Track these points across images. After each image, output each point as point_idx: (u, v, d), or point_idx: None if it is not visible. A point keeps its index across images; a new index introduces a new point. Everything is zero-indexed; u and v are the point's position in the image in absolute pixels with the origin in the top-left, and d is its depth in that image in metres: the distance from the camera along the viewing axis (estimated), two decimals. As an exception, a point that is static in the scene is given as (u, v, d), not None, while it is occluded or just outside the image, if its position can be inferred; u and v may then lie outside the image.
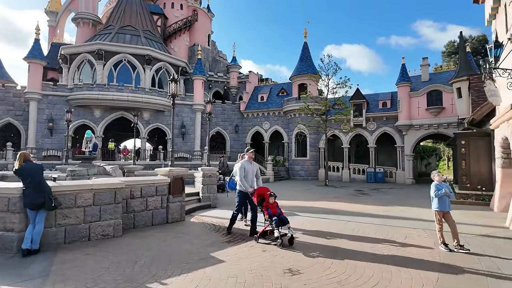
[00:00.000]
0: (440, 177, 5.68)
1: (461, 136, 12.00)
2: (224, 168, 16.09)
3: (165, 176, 8.10)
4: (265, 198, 6.30)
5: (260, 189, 6.47)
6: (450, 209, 5.60)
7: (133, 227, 7.10)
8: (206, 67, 32.37)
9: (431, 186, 5.72)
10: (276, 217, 5.90)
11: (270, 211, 6.10)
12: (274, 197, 6.30)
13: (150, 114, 25.43)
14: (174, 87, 8.44)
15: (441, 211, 5.58)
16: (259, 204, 6.25)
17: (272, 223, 5.87)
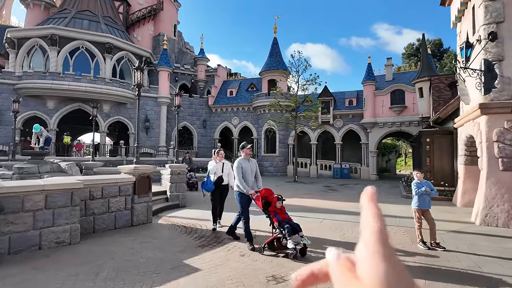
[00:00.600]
0: (421, 175, 5.65)
1: (426, 134, 12.45)
2: (190, 165, 15.32)
3: (129, 174, 7.38)
4: (271, 202, 5.42)
5: (265, 192, 5.50)
6: (430, 207, 5.59)
7: (93, 232, 6.35)
8: (172, 58, 31.01)
9: (412, 184, 5.67)
10: (288, 225, 5.06)
11: (279, 217, 5.22)
12: (281, 201, 5.43)
13: (110, 106, 23.80)
14: (139, 76, 7.70)
15: (420, 209, 5.55)
16: (265, 209, 5.33)
17: (284, 231, 4.98)
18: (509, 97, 7.45)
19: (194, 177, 14.50)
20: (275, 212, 5.31)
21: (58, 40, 22.77)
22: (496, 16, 7.61)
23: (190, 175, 14.20)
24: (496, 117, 7.49)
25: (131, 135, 24.67)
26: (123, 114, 24.54)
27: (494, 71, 7.54)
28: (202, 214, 8.65)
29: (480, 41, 7.79)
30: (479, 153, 7.95)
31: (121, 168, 7.70)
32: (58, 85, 20.95)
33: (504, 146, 7.35)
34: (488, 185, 7.47)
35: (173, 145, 24.34)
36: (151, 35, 31.15)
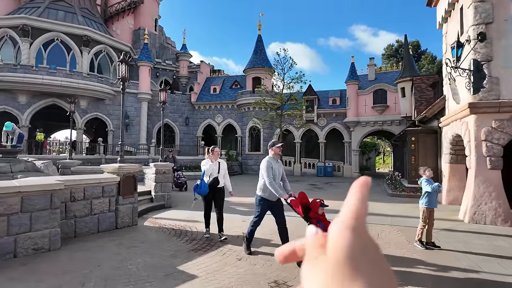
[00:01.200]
0: (430, 172, 5.57)
1: (411, 133, 12.63)
2: (175, 164, 14.74)
3: (113, 174, 6.92)
4: (310, 208, 4.75)
5: (303, 196, 4.80)
6: (436, 206, 5.54)
7: (74, 236, 5.89)
8: (153, 53, 30.07)
9: (422, 182, 5.52)
10: None
11: (323, 225, 4.64)
12: (324, 206, 4.78)
13: (88, 102, 22.73)
14: (124, 70, 7.22)
15: (429, 207, 5.46)
16: (305, 215, 4.65)
17: None
18: (497, 97, 7.59)
19: (183, 176, 13.90)
20: (317, 219, 4.62)
21: (30, 31, 21.48)
22: (485, 17, 7.72)
23: (178, 175, 13.60)
24: (485, 117, 7.62)
25: (109, 132, 23.72)
26: (102, 111, 23.52)
27: (483, 71, 7.66)
28: (190, 215, 8.31)
29: (469, 41, 7.89)
30: (467, 152, 8.07)
31: (104, 167, 7.22)
32: (31, 78, 19.74)
33: (492, 145, 7.49)
34: (476, 183, 7.59)
35: (154, 142, 23.62)
36: (131, 29, 30.04)
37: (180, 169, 14.30)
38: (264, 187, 4.96)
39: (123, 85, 7.27)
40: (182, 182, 13.52)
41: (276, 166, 5.01)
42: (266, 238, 6.00)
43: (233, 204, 10.14)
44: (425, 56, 40.23)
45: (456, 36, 9.61)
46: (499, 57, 7.63)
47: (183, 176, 13.98)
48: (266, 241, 5.79)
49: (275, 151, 5.08)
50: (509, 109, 7.42)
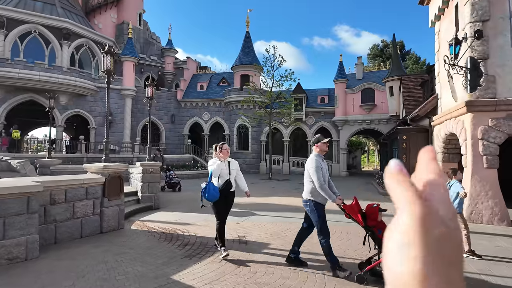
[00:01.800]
0: (461, 175, 5.25)
1: (402, 132, 12.60)
2: (163, 163, 13.93)
3: (98, 174, 6.43)
4: (366, 214, 4.08)
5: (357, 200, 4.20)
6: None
7: (54, 243, 5.37)
8: (137, 49, 29.13)
9: (455, 185, 4.97)
10: None
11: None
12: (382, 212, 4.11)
13: (68, 98, 21.70)
14: (109, 62, 6.71)
15: (460, 213, 5.08)
16: (365, 224, 4.00)
17: None
18: (493, 96, 7.54)
19: (176, 176, 13.22)
20: (378, 228, 3.95)
21: (5, 22, 20.26)
22: (482, 14, 7.65)
23: (170, 175, 12.97)
24: (481, 115, 7.56)
25: (91, 129, 22.76)
26: (83, 107, 22.53)
27: (479, 69, 7.59)
28: (180, 217, 7.88)
29: (466, 39, 7.81)
30: (463, 150, 8.00)
31: (88, 166, 6.70)
32: (6, 72, 18.61)
33: (489, 144, 7.43)
34: (473, 182, 7.52)
35: (139, 141, 22.85)
36: (114, 23, 29.02)
37: (172, 169, 13.59)
38: (314, 191, 4.26)
39: (108, 79, 6.77)
40: (175, 182, 12.86)
41: (324, 165, 4.41)
42: (264, 242, 5.67)
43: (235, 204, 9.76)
44: (410, 56, 40.92)
45: (449, 34, 9.57)
46: (495, 55, 7.58)
47: (176, 175, 13.31)
48: (264, 245, 5.47)
49: (321, 147, 4.42)
50: (505, 108, 7.38)
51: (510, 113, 7.39)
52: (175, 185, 12.80)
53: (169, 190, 12.81)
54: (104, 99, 23.15)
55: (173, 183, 12.79)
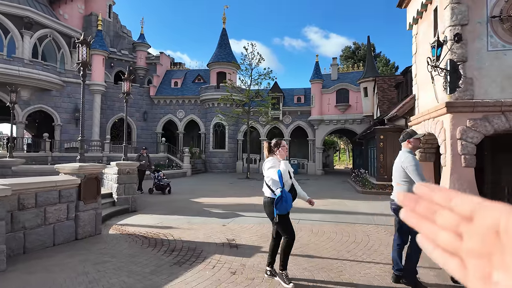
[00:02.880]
0: None
1: (379, 131, 12.90)
2: (149, 163, 12.67)
3: (72, 175, 5.87)
4: None
5: None
6: None
7: (23, 252, 4.81)
8: (107, 42, 27.68)
9: None
10: None
11: None
12: None
13: (30, 92, 20.13)
14: (85, 53, 6.15)
15: None
16: None
17: None
18: (471, 97, 7.82)
19: (165, 177, 12.24)
20: None
21: (-44, 8, 18.38)
22: (461, 18, 7.91)
23: (159, 176, 11.99)
24: (460, 116, 7.82)
25: (56, 127, 21.31)
26: (47, 103, 21.00)
27: (459, 72, 7.85)
28: (160, 220, 7.46)
29: (446, 42, 8.05)
30: (442, 150, 8.25)
31: (61, 167, 6.10)
32: (-42, 63, 16.87)
33: (467, 144, 7.71)
34: (452, 181, 7.77)
35: (108, 139, 21.72)
36: (81, 14, 27.37)
37: (160, 169, 12.53)
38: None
39: (84, 71, 6.20)
40: (164, 184, 11.85)
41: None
42: (255, 245, 5.46)
43: (206, 206, 9.44)
44: (380, 59, 42.41)
45: (427, 37, 9.88)
46: (473, 58, 7.87)
47: (165, 176, 12.31)
48: (256, 249, 5.25)
49: (415, 144, 3.92)
50: (482, 109, 7.68)
51: (486, 114, 7.71)
52: (164, 187, 11.88)
53: (157, 193, 11.95)
54: (70, 95, 21.79)
55: (162, 185, 11.87)
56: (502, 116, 7.63)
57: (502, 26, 7.74)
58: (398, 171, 3.89)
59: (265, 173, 3.92)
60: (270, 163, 3.91)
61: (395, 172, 3.95)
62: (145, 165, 12.05)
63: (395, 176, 3.95)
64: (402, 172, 3.82)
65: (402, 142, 4.01)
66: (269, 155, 4.09)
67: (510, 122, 7.51)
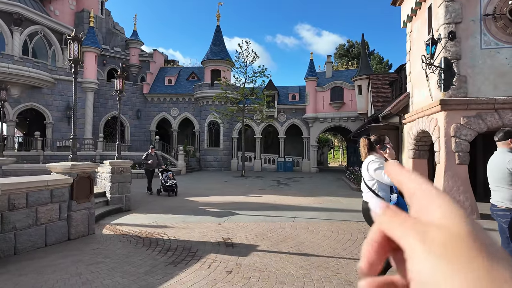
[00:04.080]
0: None
1: (374, 129, 12.93)
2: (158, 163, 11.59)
3: (64, 175, 5.77)
4: None
5: None
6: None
7: (14, 253, 4.71)
8: (99, 39, 27.30)
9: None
10: None
11: None
12: None
13: (21, 90, 19.78)
14: (76, 50, 6.02)
15: None
16: None
17: None
18: (465, 95, 7.88)
19: (173, 177, 10.97)
20: None
21: None
22: (455, 16, 7.95)
23: (167, 176, 10.88)
24: (454, 113, 7.87)
25: (48, 125, 20.98)
26: (38, 100, 20.66)
27: (452, 69, 7.90)
28: (154, 219, 7.38)
29: (440, 40, 8.08)
30: (436, 147, 8.31)
31: (52, 166, 5.99)
32: None
33: (460, 141, 7.77)
34: (446, 178, 7.83)
35: (101, 137, 21.47)
36: (72, 11, 26.93)
37: (169, 169, 11.37)
38: None
39: (76, 68, 6.07)
40: (172, 184, 10.78)
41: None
42: (251, 244, 5.42)
43: (201, 204, 9.38)
44: (374, 57, 42.59)
45: (421, 35, 9.92)
46: (466, 56, 7.92)
47: (173, 177, 11.06)
48: (252, 248, 5.21)
49: None
50: (475, 107, 7.75)
51: (479, 112, 7.78)
52: (171, 188, 10.79)
53: (164, 194, 11.02)
54: (62, 92, 21.47)
55: (168, 186, 10.74)
56: (495, 114, 7.70)
57: (496, 24, 7.79)
58: (501, 173, 3.45)
59: (370, 175, 3.36)
60: (376, 163, 3.30)
61: (495, 174, 3.52)
62: (153, 164, 11.26)
63: (495, 179, 3.52)
64: (508, 175, 3.38)
65: (502, 141, 3.57)
66: (369, 153, 3.49)
67: (503, 120, 7.58)
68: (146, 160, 11.16)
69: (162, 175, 10.99)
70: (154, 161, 11.23)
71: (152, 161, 11.21)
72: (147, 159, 11.17)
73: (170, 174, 10.99)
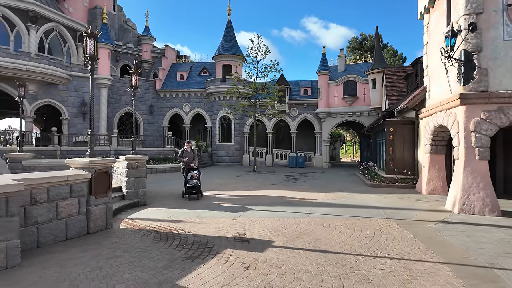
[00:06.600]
0: None
1: (389, 124, 12.71)
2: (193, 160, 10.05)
3: (82, 170, 5.88)
4: None
5: None
6: None
7: (37, 247, 4.84)
8: (112, 35, 27.60)
9: None
10: None
11: None
12: None
13: (37, 87, 20.21)
14: (93, 46, 6.09)
15: None
16: None
17: None
18: (486, 88, 7.63)
19: (196, 178, 9.46)
20: None
21: (-37, 2, 18.41)
22: (476, 7, 7.68)
23: (191, 176, 9.42)
24: (474, 108, 7.64)
25: (64, 121, 21.43)
26: (54, 97, 21.09)
27: (473, 62, 7.65)
28: (170, 214, 7.48)
29: (460, 31, 7.82)
30: (455, 143, 8.10)
31: (71, 162, 6.11)
32: (-34, 58, 16.95)
33: (481, 136, 7.55)
34: (465, 174, 7.64)
35: (116, 132, 21.82)
36: (86, 7, 27.24)
37: (195, 168, 9.76)
38: None
39: (92, 65, 6.15)
40: (195, 185, 9.38)
41: None
42: (266, 240, 5.42)
43: (215, 199, 9.44)
44: (387, 50, 41.74)
45: (439, 26, 9.62)
46: (488, 48, 7.65)
47: (197, 177, 9.54)
48: (267, 243, 5.21)
49: None
50: (497, 100, 7.50)
51: (501, 106, 7.52)
52: (191, 191, 9.40)
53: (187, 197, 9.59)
54: (77, 89, 21.85)
55: (190, 187, 9.37)
56: (518, 108, 7.43)
57: (520, 14, 7.48)
58: None
59: None
60: None
61: None
62: (189, 161, 9.80)
63: None
64: None
65: None
66: None
67: (527, 114, 7.31)
68: (182, 157, 9.85)
69: (187, 174, 9.57)
70: (190, 158, 9.86)
71: (188, 158, 9.83)
72: (183, 156, 9.86)
73: (194, 174, 9.52)
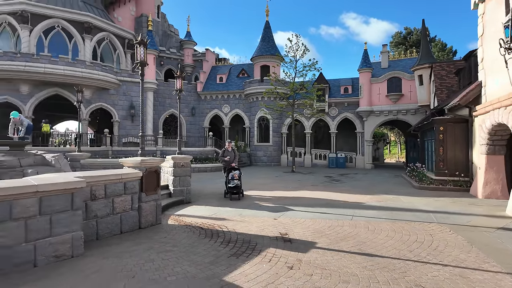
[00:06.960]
0: None
1: (438, 122, 11.95)
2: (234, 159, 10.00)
3: (134, 169, 6.29)
4: None
5: None
6: None
7: (96, 239, 5.28)
8: (156, 41, 29.08)
9: None
10: None
11: None
12: None
13: (92, 92, 21.92)
14: (142, 53, 6.50)
15: None
16: None
17: None
18: (554, 82, 6.87)
19: (237, 178, 9.34)
20: None
21: (29, 18, 20.55)
22: (542, -8, 6.94)
23: (232, 176, 9.33)
24: (540, 104, 6.92)
25: (115, 123, 23.00)
26: (106, 101, 22.73)
27: (539, 53, 6.93)
28: (214, 211, 7.72)
29: (522, 20, 7.12)
30: (516, 142, 7.39)
31: (124, 161, 6.58)
32: (32, 67, 18.89)
33: (548, 135, 6.80)
34: (529, 176, 6.93)
35: (161, 134, 22.98)
36: (133, 16, 29.02)
37: (236, 168, 9.63)
38: None
39: (142, 70, 6.57)
40: (236, 185, 9.25)
41: None
42: (309, 241, 5.38)
43: (255, 199, 9.55)
44: (435, 44, 39.17)
45: (496, 16, 8.84)
46: (557, 37, 6.88)
47: (238, 178, 9.40)
48: (310, 244, 5.18)
49: None
50: None
51: None
52: (232, 190, 9.25)
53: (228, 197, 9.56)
54: (126, 93, 23.33)
55: (232, 188, 9.21)
56: None
57: None
58: None
59: None
60: None
61: None
62: (230, 161, 9.72)
63: None
64: None
65: None
66: None
67: None
68: (223, 156, 9.79)
69: (228, 174, 9.48)
70: (231, 158, 9.81)
71: (229, 157, 9.77)
72: (224, 155, 9.80)
73: (235, 174, 9.36)
